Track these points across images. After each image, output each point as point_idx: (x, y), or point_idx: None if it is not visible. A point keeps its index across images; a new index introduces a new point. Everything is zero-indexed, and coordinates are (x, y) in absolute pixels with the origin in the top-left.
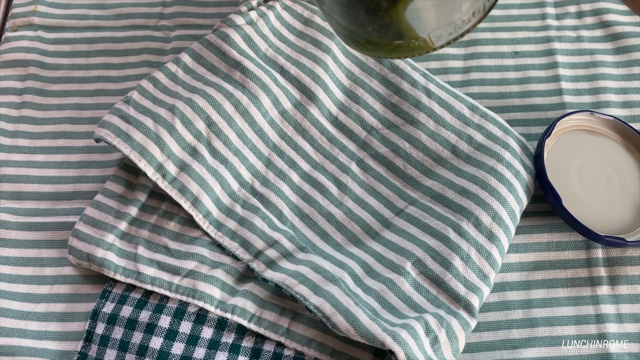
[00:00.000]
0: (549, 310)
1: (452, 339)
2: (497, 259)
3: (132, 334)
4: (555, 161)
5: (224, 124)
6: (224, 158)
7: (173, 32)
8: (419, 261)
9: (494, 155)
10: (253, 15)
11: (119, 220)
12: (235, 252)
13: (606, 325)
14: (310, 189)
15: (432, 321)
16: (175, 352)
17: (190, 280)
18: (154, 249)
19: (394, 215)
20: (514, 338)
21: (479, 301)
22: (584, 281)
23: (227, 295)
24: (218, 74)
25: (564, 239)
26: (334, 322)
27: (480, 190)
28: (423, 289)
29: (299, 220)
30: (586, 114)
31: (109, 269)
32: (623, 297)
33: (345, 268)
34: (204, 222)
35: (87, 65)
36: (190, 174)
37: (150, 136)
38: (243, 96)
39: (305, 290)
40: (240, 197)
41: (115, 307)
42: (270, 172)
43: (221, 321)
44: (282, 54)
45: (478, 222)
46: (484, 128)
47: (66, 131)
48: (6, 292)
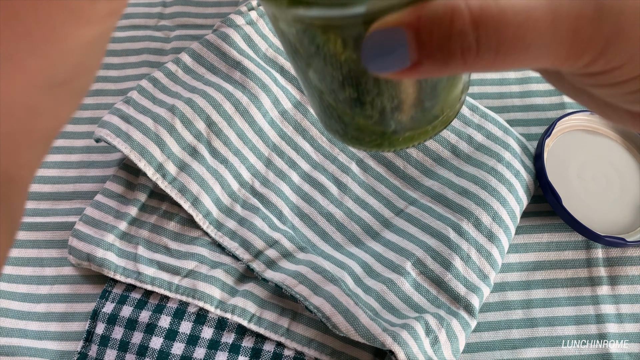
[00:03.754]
0: (549, 310)
1: (452, 339)
2: (497, 259)
3: (132, 334)
4: (555, 161)
5: (224, 124)
6: (224, 158)
7: (173, 32)
8: (419, 261)
9: (494, 155)
10: (253, 15)
11: (119, 220)
12: (235, 252)
13: (606, 325)
14: (310, 189)
15: (432, 321)
16: (175, 352)
17: (190, 280)
18: (154, 249)
19: (394, 215)
20: (514, 338)
21: (479, 301)
22: (584, 281)
23: (227, 295)
24: (218, 74)
25: (564, 239)
26: (334, 322)
27: (481, 190)
28: (423, 289)
29: (299, 220)
30: (586, 114)
31: (109, 269)
32: (623, 297)
33: (345, 268)
34: (204, 222)
35: None
36: (190, 174)
37: (150, 136)
38: (243, 96)
39: (305, 290)
40: (240, 197)
41: (115, 307)
42: (270, 172)
43: (221, 321)
44: (282, 54)
45: (478, 222)
46: (484, 128)
47: (66, 131)
48: (6, 292)
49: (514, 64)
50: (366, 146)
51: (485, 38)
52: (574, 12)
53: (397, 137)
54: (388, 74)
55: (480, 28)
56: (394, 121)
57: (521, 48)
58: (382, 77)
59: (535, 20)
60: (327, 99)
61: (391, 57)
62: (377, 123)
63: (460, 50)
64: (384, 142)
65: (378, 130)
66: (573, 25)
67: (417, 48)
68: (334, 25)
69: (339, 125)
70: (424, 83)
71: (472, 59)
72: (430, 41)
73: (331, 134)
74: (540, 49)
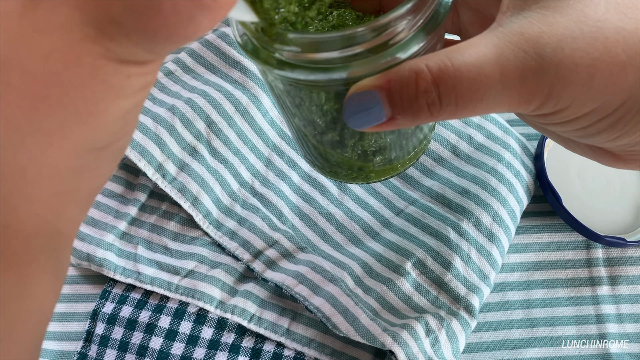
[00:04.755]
0: (549, 310)
1: (452, 339)
2: (497, 259)
3: (132, 334)
4: (556, 161)
5: (224, 124)
6: (224, 158)
7: None
8: (419, 261)
9: (494, 155)
10: None
11: (119, 220)
12: (235, 252)
13: (606, 326)
14: (310, 189)
15: (432, 321)
16: (175, 352)
17: (190, 280)
18: (154, 249)
19: (394, 215)
20: (514, 338)
21: (479, 301)
22: (584, 281)
23: (227, 295)
24: (218, 73)
25: (564, 239)
26: (334, 322)
27: (481, 190)
28: (423, 289)
29: (299, 220)
30: None
31: (109, 269)
32: (623, 297)
33: (345, 268)
34: (203, 222)
35: None
36: (190, 174)
37: (150, 136)
38: (243, 96)
39: (305, 291)
40: (240, 197)
41: (115, 307)
42: (270, 172)
43: (221, 321)
44: None
45: (478, 222)
46: (484, 128)
47: None
48: None
49: (474, 112)
50: (343, 179)
51: (445, 94)
52: (519, 64)
53: (371, 173)
54: (367, 128)
55: (440, 86)
56: (370, 160)
57: (477, 100)
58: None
59: (486, 75)
60: (311, 141)
61: (368, 114)
62: (355, 161)
63: (426, 105)
64: (359, 176)
65: (355, 167)
66: (519, 76)
67: (390, 106)
68: (317, 84)
69: (320, 161)
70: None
71: (436, 111)
72: (400, 100)
73: (311, 167)
74: (494, 98)
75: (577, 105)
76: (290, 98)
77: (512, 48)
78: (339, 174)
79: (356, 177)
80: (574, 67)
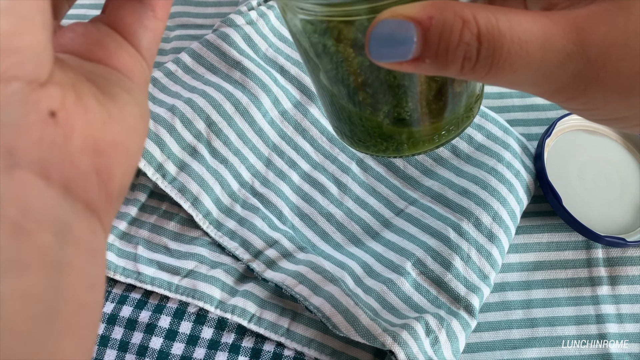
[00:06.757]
0: (549, 310)
1: (452, 339)
2: (497, 259)
3: (132, 334)
4: (556, 161)
5: (224, 124)
6: (224, 158)
7: (173, 32)
8: (419, 261)
9: (494, 155)
10: (253, 15)
11: (119, 220)
12: (235, 252)
13: (606, 326)
14: (310, 189)
15: (432, 321)
16: (175, 352)
17: (190, 280)
18: (154, 249)
19: (394, 215)
20: (514, 338)
21: (479, 301)
22: (584, 281)
23: (227, 295)
24: (218, 73)
25: (564, 239)
26: (334, 322)
27: (481, 190)
28: (423, 289)
29: (299, 220)
30: None
31: (109, 269)
32: (623, 297)
33: (345, 268)
34: (203, 222)
35: None
36: (190, 174)
37: (150, 136)
38: (243, 96)
39: (305, 291)
40: (240, 197)
41: (115, 307)
42: (270, 172)
43: (221, 321)
44: (282, 54)
45: (478, 222)
46: (484, 128)
47: None
48: None
49: (502, 83)
50: (372, 151)
51: (484, 54)
52: (564, 55)
53: (404, 144)
54: (387, 63)
55: (482, 44)
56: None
57: (510, 72)
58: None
59: (528, 53)
60: (339, 102)
61: (395, 47)
62: (386, 128)
63: (462, 58)
64: (389, 148)
65: (386, 135)
66: (559, 67)
67: (423, 46)
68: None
69: (347, 127)
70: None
71: (468, 68)
72: (437, 43)
73: (338, 137)
74: (527, 78)
75: (609, 109)
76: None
77: (562, 36)
78: (368, 144)
79: (386, 149)
80: (615, 74)
